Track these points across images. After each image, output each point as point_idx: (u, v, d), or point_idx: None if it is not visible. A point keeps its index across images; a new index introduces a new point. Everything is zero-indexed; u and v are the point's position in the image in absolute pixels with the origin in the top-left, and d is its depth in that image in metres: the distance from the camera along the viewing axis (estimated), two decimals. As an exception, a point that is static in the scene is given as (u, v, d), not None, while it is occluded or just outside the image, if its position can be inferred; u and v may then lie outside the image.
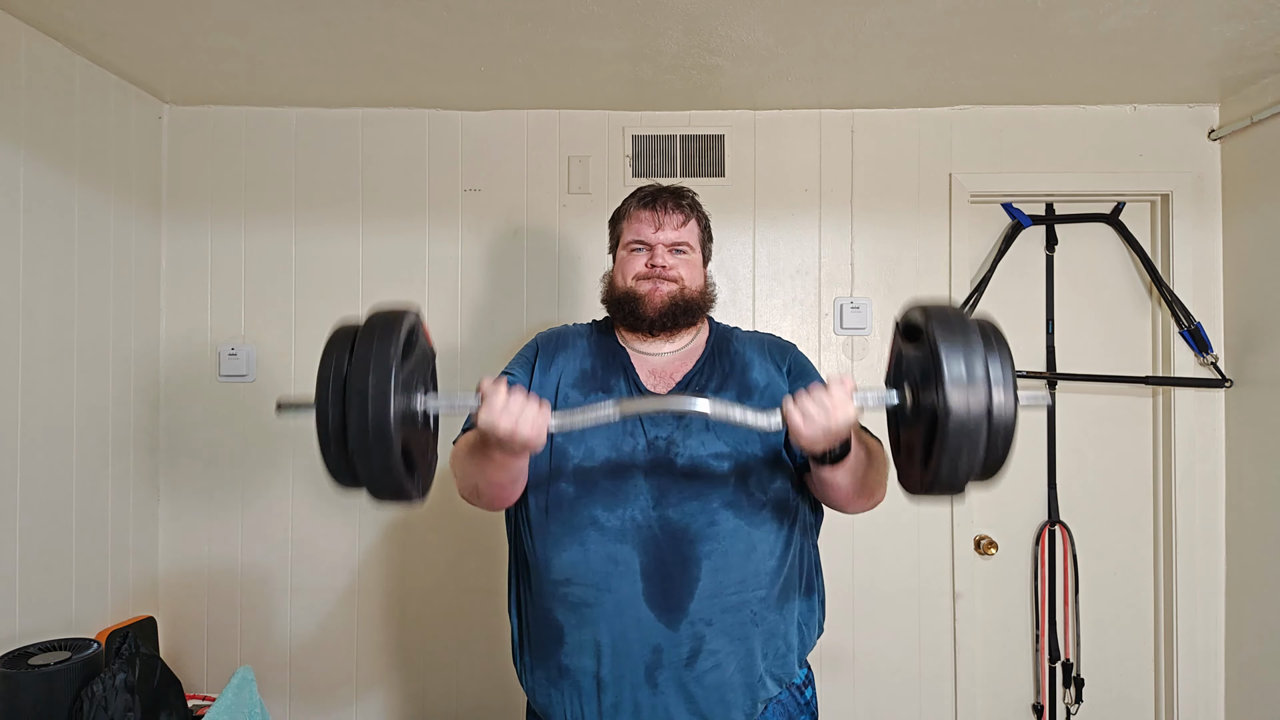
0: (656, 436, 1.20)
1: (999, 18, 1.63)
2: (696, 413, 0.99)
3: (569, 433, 1.20)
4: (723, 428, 1.20)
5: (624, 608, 1.15)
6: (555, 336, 1.36)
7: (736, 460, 1.19)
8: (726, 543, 1.16)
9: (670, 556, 1.15)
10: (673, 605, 1.14)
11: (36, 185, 1.69)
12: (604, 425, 1.19)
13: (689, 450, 1.19)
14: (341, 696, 2.13)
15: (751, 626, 1.17)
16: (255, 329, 2.14)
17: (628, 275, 1.30)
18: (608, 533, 1.16)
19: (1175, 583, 2.11)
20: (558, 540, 1.19)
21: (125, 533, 1.97)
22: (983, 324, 0.94)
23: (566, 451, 1.20)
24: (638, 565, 1.15)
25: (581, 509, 1.18)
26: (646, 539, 1.15)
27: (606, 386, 1.26)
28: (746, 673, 1.17)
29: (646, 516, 1.16)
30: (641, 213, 1.31)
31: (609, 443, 1.20)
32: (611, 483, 1.18)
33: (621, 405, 1.00)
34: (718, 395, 1.23)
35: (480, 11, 1.60)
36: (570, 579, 1.17)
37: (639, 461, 1.18)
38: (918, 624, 2.14)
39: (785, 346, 1.36)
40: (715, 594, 1.15)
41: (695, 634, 1.14)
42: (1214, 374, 2.09)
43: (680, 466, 1.18)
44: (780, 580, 1.21)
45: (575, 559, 1.17)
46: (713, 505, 1.17)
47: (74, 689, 1.49)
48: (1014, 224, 2.18)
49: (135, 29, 1.69)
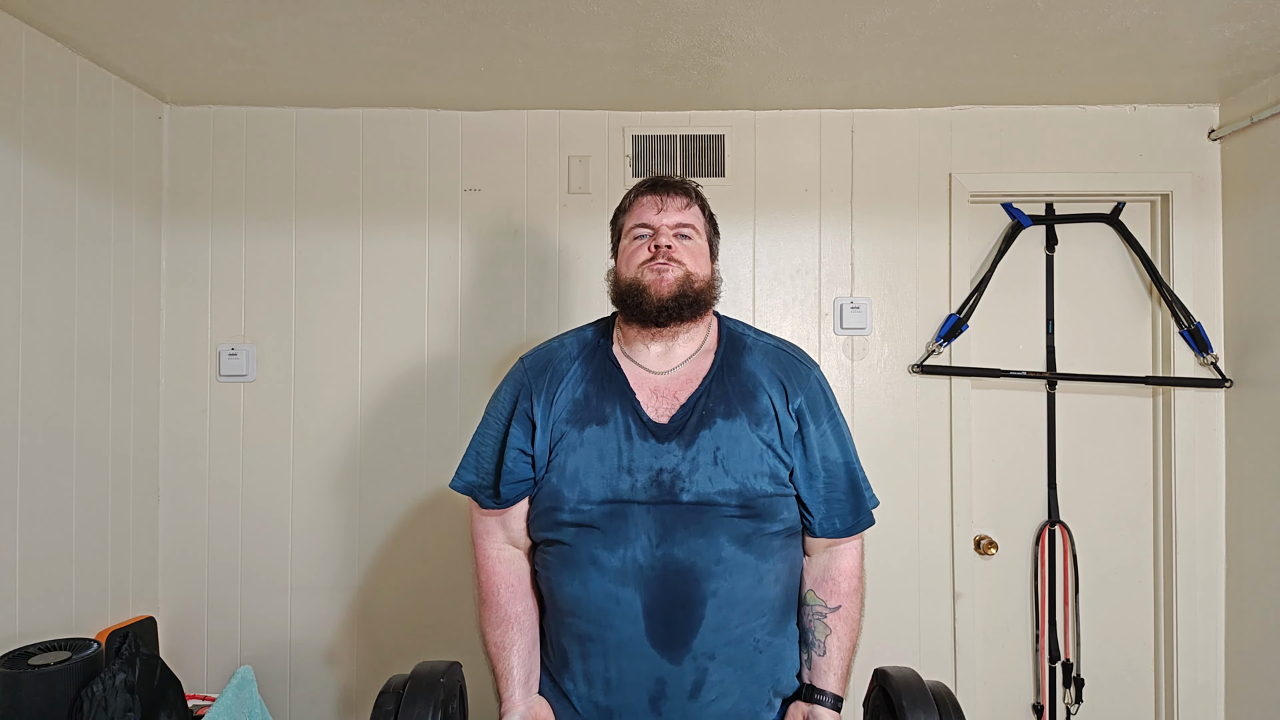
0: (662, 470, 1.14)
1: (999, 18, 1.63)
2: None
3: (563, 471, 1.17)
4: (731, 459, 1.15)
5: (626, 645, 1.14)
6: (543, 365, 1.26)
7: (744, 498, 1.14)
8: (734, 579, 1.13)
9: (674, 595, 1.12)
10: (676, 643, 1.13)
11: (36, 186, 1.69)
12: (598, 461, 1.16)
13: (696, 487, 1.14)
14: (341, 696, 2.14)
15: (754, 654, 1.17)
16: (255, 329, 2.14)
17: (632, 264, 1.23)
18: (608, 573, 1.13)
19: (1175, 583, 2.11)
20: (559, 575, 1.18)
21: (125, 533, 1.97)
22: (940, 698, 1.14)
23: (561, 493, 1.16)
24: (639, 605, 1.13)
25: (581, 548, 1.15)
26: (649, 579, 1.12)
27: (601, 417, 1.18)
28: (751, 699, 1.17)
29: (649, 556, 1.13)
30: (644, 198, 1.27)
31: (604, 482, 1.15)
32: (610, 523, 1.14)
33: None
34: (728, 424, 1.17)
35: (480, 11, 1.60)
36: (574, 612, 1.17)
37: (639, 497, 1.14)
38: (918, 624, 2.14)
39: (803, 375, 1.25)
40: (719, 629, 1.13)
41: (699, 667, 1.13)
42: (1214, 374, 2.09)
43: (686, 504, 1.13)
44: (780, 605, 1.20)
45: (578, 595, 1.16)
46: (720, 542, 1.13)
47: (74, 689, 1.49)
48: (1014, 224, 2.18)
49: (135, 29, 1.69)
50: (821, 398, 1.25)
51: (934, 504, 2.14)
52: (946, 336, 2.12)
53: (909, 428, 2.15)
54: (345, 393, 2.14)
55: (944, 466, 2.14)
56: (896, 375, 2.16)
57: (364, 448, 2.14)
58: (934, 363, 2.14)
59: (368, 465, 2.14)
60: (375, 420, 2.14)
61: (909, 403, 2.15)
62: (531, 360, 1.29)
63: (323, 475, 2.14)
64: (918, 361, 2.15)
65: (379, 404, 2.14)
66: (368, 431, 2.14)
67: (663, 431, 1.17)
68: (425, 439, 2.13)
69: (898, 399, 2.16)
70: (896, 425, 2.15)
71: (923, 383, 2.16)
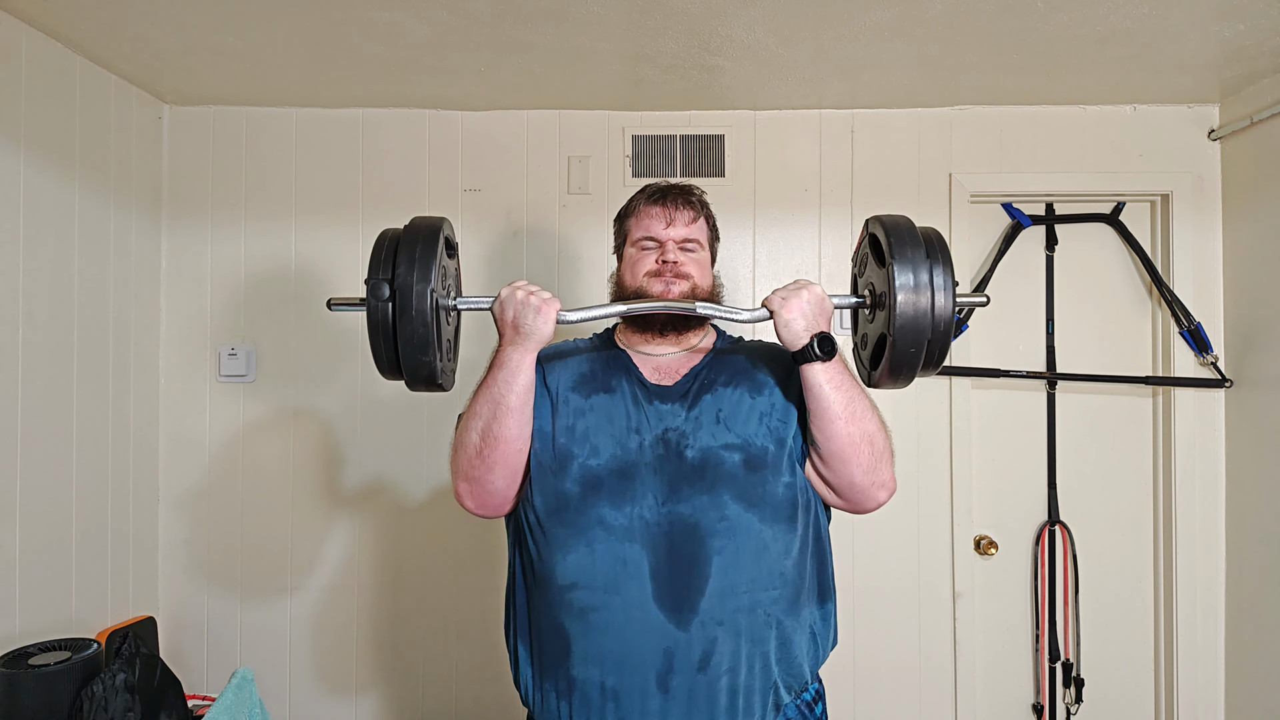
0: (667, 430, 1.18)
1: (999, 18, 1.63)
2: (687, 309, 1.17)
3: (572, 432, 1.19)
4: (733, 419, 1.19)
5: (632, 610, 1.12)
6: (550, 351, 1.31)
7: (747, 452, 1.17)
8: (738, 539, 1.14)
9: (680, 554, 1.13)
10: (683, 605, 1.12)
11: (36, 185, 1.69)
12: (607, 423, 1.19)
13: (700, 442, 1.17)
14: (341, 696, 2.14)
15: (765, 629, 1.15)
16: (255, 329, 2.14)
17: (638, 273, 1.27)
18: (615, 532, 1.14)
19: (1175, 583, 2.11)
20: (563, 543, 1.16)
21: (125, 533, 1.97)
22: (929, 237, 1.13)
23: (570, 450, 1.18)
24: (646, 565, 1.13)
25: (588, 509, 1.16)
26: (655, 536, 1.13)
27: (608, 386, 1.23)
28: (762, 677, 1.15)
29: (655, 513, 1.14)
30: (652, 209, 1.28)
31: (614, 440, 1.18)
32: (618, 481, 1.16)
33: (629, 306, 1.18)
34: (728, 390, 1.22)
35: (480, 11, 1.60)
36: (576, 583, 1.15)
37: (646, 458, 1.17)
38: (918, 624, 2.14)
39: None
40: (727, 592, 1.12)
41: (707, 635, 1.12)
42: (1214, 374, 2.09)
43: (690, 460, 1.16)
44: (793, 583, 1.19)
45: (582, 561, 1.15)
46: (723, 499, 1.15)
47: (74, 689, 1.49)
48: (1014, 224, 2.18)
49: (135, 29, 1.69)
50: None
51: (934, 504, 2.14)
52: (946, 336, 2.12)
53: (909, 428, 2.15)
54: (345, 392, 2.14)
55: (944, 466, 2.14)
56: (896, 375, 2.16)
57: (364, 447, 2.14)
58: (934, 363, 2.14)
59: (368, 465, 2.14)
60: (375, 420, 2.14)
61: (909, 403, 2.15)
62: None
63: (322, 475, 2.14)
64: (918, 361, 2.15)
65: (379, 403, 2.14)
66: (368, 431, 2.14)
67: (666, 394, 1.23)
68: (425, 439, 2.13)
69: (897, 399, 2.15)
70: (896, 425, 2.13)
71: (922, 383, 2.15)
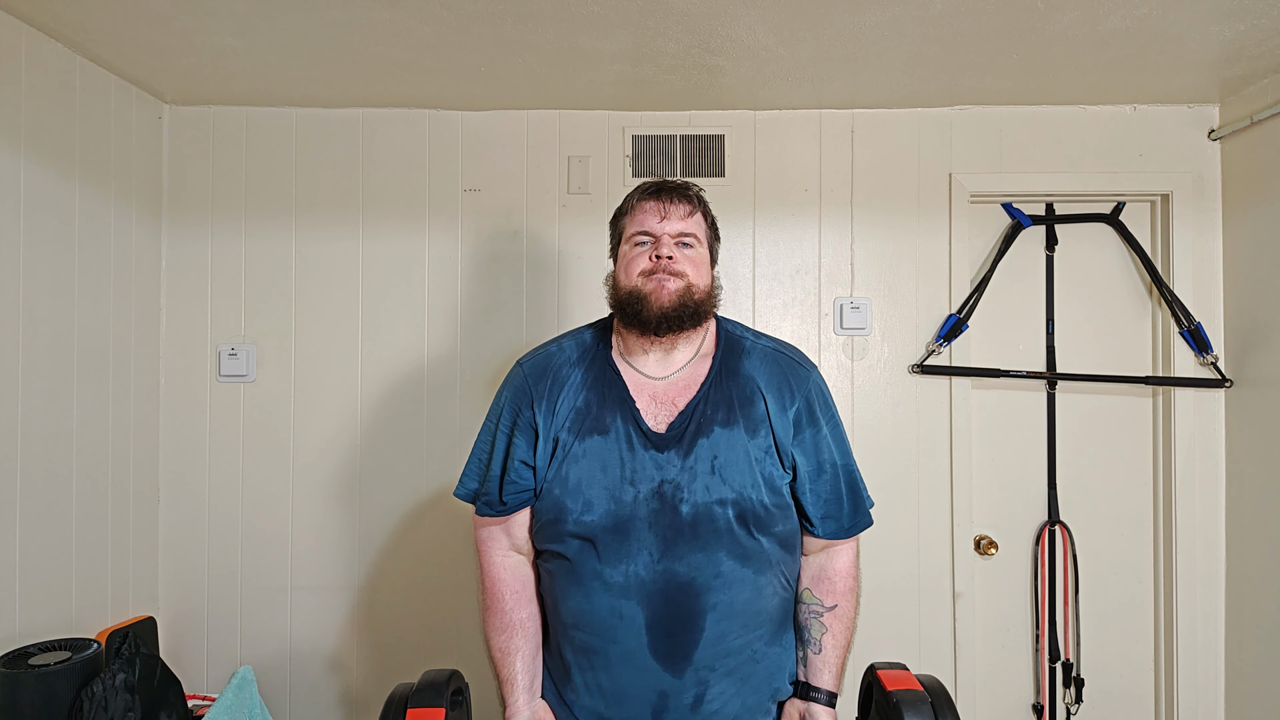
0: (663, 482, 1.15)
1: (999, 18, 1.63)
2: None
3: (565, 483, 1.17)
4: (728, 468, 1.16)
5: (629, 658, 1.15)
6: (542, 370, 1.25)
7: (740, 507, 1.15)
8: (732, 592, 1.15)
9: (676, 609, 1.14)
10: (677, 655, 1.14)
11: (36, 186, 1.69)
12: (601, 473, 1.16)
13: (694, 496, 1.14)
14: (342, 696, 2.13)
15: (752, 665, 1.19)
16: (255, 329, 2.14)
17: (632, 272, 1.21)
18: (612, 588, 1.14)
19: (1175, 582, 2.11)
20: (564, 588, 1.19)
21: (125, 533, 1.97)
22: (935, 694, 1.16)
23: (564, 504, 1.16)
24: (642, 619, 1.14)
25: (584, 563, 1.16)
26: (651, 593, 1.13)
27: (602, 426, 1.18)
28: (750, 708, 1.20)
29: (650, 571, 1.13)
30: (646, 203, 1.23)
31: (608, 493, 1.15)
32: (613, 537, 1.14)
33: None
34: (725, 432, 1.17)
35: (480, 11, 1.60)
36: (577, 625, 1.18)
37: (641, 511, 1.14)
38: (918, 624, 2.14)
39: (801, 378, 1.25)
40: (719, 641, 1.15)
41: (700, 680, 1.15)
42: (1214, 374, 2.09)
43: (685, 515, 1.14)
44: (775, 617, 1.22)
45: (581, 608, 1.17)
46: (718, 556, 1.14)
47: (74, 689, 1.49)
48: (1014, 224, 2.18)
49: (135, 29, 1.69)
50: (820, 400, 1.25)
51: (934, 504, 2.14)
52: (946, 336, 2.12)
53: (909, 428, 2.15)
54: (345, 392, 2.14)
55: (944, 466, 2.14)
56: (896, 375, 2.16)
57: (364, 447, 2.14)
58: (934, 363, 2.14)
59: (368, 465, 2.14)
60: (375, 419, 2.14)
61: (909, 403, 2.15)
62: (530, 366, 1.28)
63: (323, 475, 2.14)
64: (918, 361, 2.15)
65: (379, 403, 2.14)
66: (368, 431, 2.14)
67: (662, 441, 1.17)
68: (425, 438, 2.13)
69: (898, 399, 2.16)
70: (896, 425, 2.15)
71: (923, 383, 2.16)
